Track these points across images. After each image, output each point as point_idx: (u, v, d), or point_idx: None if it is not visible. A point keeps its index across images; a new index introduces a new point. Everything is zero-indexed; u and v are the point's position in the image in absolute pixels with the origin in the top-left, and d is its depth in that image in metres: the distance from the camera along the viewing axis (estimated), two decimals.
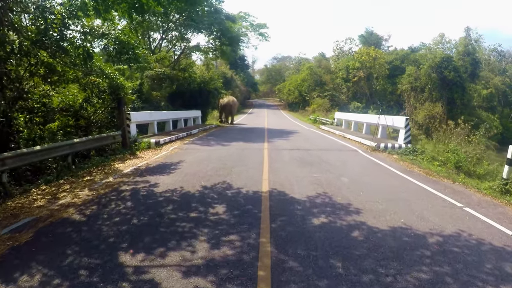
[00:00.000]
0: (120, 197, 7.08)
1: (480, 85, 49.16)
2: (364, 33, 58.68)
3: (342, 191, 7.56)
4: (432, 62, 44.26)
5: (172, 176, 8.80)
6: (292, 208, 6.25)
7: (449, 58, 45.18)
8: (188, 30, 25.02)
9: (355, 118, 23.08)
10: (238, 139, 17.24)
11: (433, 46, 58.04)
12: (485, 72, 53.96)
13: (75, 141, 10.61)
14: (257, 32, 61.46)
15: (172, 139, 16.02)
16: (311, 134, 21.83)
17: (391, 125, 16.39)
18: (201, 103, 26.04)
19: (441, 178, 9.81)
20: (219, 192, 7.32)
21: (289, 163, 10.90)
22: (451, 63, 44.45)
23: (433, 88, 43.95)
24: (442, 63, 44.13)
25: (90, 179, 8.96)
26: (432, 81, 43.83)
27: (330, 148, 14.79)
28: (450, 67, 43.96)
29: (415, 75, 45.43)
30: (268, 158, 11.69)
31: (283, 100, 71.47)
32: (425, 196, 7.65)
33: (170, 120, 19.63)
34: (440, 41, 58.59)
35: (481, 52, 57.54)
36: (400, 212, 6.30)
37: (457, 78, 43.75)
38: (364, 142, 15.91)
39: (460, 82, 43.84)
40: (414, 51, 56.92)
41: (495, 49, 60.31)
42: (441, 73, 43.52)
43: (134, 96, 15.59)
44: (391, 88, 47.68)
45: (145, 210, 6.14)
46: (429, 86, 44.33)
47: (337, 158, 12.02)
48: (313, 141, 17.41)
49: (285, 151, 13.41)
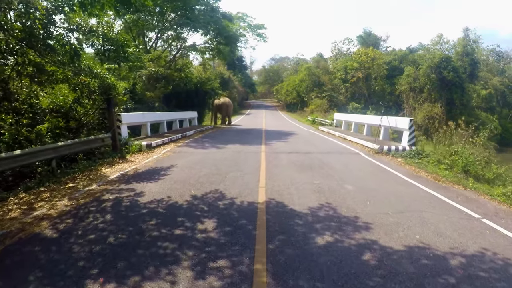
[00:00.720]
0: (100, 208, 6.28)
1: (479, 86, 48.64)
2: (362, 34, 58.01)
3: (347, 201, 6.76)
4: (431, 62, 43.64)
5: (160, 184, 7.99)
6: (292, 224, 5.43)
7: (448, 59, 44.58)
8: (184, 29, 24.11)
9: (355, 119, 22.21)
10: (235, 141, 16.38)
11: (431, 47, 57.57)
12: (484, 72, 53.45)
13: (59, 144, 9.82)
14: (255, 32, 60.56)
15: (165, 142, 15.19)
16: (310, 135, 20.98)
17: (394, 126, 15.62)
18: (197, 103, 25.17)
19: (451, 184, 9.07)
20: (210, 203, 6.50)
21: (287, 167, 10.09)
22: (450, 64, 43.86)
23: (432, 88, 43.35)
24: (441, 63, 43.52)
25: (73, 186, 8.18)
26: (431, 82, 43.23)
27: (330, 150, 14.01)
28: (449, 67, 43.37)
29: (414, 75, 44.83)
30: (265, 162, 10.88)
31: (281, 101, 70.60)
32: (438, 205, 6.87)
33: (164, 122, 18.76)
34: (439, 41, 58.08)
35: (480, 52, 57.04)
36: (414, 226, 5.53)
37: (456, 78, 43.16)
38: (366, 144, 15.14)
39: (459, 83, 43.25)
40: (413, 51, 56.34)
41: (494, 49, 59.84)
42: (440, 73, 42.91)
43: (126, 97, 14.77)
44: (389, 89, 47.02)
45: (125, 225, 5.33)
46: (428, 86, 43.72)
47: (338, 162, 11.22)
48: (313, 143, 16.58)
49: (283, 154, 12.59)
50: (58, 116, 11.83)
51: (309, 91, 51.44)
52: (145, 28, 24.74)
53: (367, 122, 19.29)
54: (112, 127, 12.72)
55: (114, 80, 14.19)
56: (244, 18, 55.74)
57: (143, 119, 16.32)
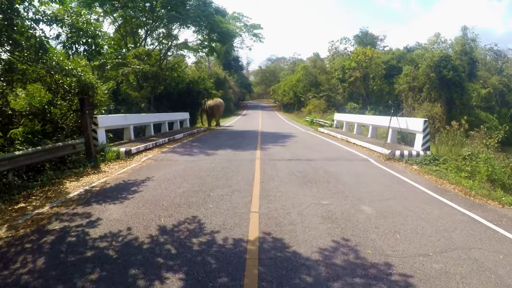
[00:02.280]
0: (38, 245, 4.52)
1: (478, 85, 47.12)
2: (359, 33, 56.29)
3: (370, 234, 4.88)
4: (430, 61, 42.11)
5: (125, 206, 6.10)
6: (298, 283, 3.57)
7: (448, 57, 43.13)
8: (175, 24, 22.06)
9: (358, 119, 20.04)
10: (227, 146, 14.40)
11: (429, 46, 56.01)
12: (482, 71, 51.95)
13: (16, 154, 8.03)
14: (251, 33, 59.07)
15: (148, 147, 13.22)
16: (310, 138, 18.92)
17: (405, 128, 13.77)
18: (190, 104, 23.07)
19: (484, 200, 7.26)
20: (181, 241, 4.60)
21: (287, 181, 8.18)
22: (449, 62, 42.42)
23: (432, 87, 41.85)
24: (440, 62, 42.05)
25: (23, 206, 6.42)
26: (431, 81, 41.75)
27: (335, 157, 12.09)
28: (448, 66, 41.93)
29: (413, 74, 43.26)
30: (260, 173, 8.97)
31: (277, 101, 68.35)
32: (485, 236, 5.04)
33: (151, 124, 16.68)
34: (436, 41, 56.66)
35: (478, 51, 55.54)
36: (470, 277, 3.73)
37: (456, 77, 41.74)
38: (373, 148, 13.28)
39: (459, 82, 41.83)
40: (410, 51, 54.74)
41: (491, 48, 58.43)
42: (440, 72, 41.42)
43: (106, 97, 12.89)
44: (388, 88, 45.32)
45: (53, 283, 3.51)
46: (428, 85, 42.19)
47: (347, 172, 9.32)
48: (314, 148, 14.52)
49: (282, 162, 10.67)
50: (32, 119, 10.37)
51: (306, 91, 49.51)
52: (135, 26, 22.80)
53: (372, 123, 17.38)
54: (86, 132, 10.86)
55: (92, 79, 12.44)
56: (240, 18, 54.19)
57: (125, 121, 14.26)
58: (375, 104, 43.44)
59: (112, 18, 22.58)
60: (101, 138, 11.81)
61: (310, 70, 51.77)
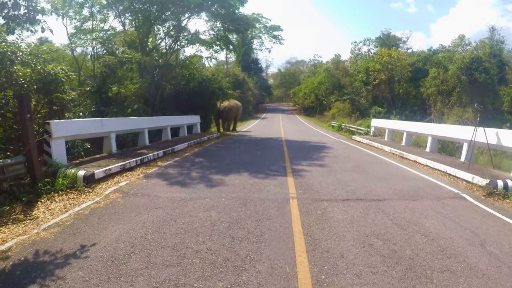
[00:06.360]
0: None
1: (508, 89, 41.21)
2: (381, 35, 50.67)
3: None
4: (461, 63, 36.61)
5: None
6: None
7: (479, 59, 37.60)
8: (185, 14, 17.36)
9: (408, 127, 14.45)
10: (242, 166, 9.29)
11: (452, 48, 50.06)
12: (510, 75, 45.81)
13: None
14: (271, 34, 54.51)
15: (127, 166, 8.41)
16: (350, 151, 13.41)
17: (495, 143, 8.91)
18: (202, 106, 18.36)
19: None
20: None
21: (366, 270, 3.42)
22: (481, 64, 36.96)
23: (463, 91, 36.38)
24: (471, 64, 36.61)
25: None
26: (461, 84, 36.28)
27: (411, 189, 7.11)
28: (480, 68, 36.49)
29: (442, 77, 37.78)
30: (304, 243, 4.16)
31: (298, 104, 62.70)
32: None
33: (145, 131, 11.81)
34: (460, 43, 50.45)
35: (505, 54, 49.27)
36: None
37: (488, 80, 36.30)
38: (451, 172, 8.40)
39: (492, 85, 36.34)
40: (435, 53, 48.88)
41: None
42: (471, 74, 35.97)
43: (74, 93, 8.57)
44: (414, 92, 39.88)
45: None
46: (458, 89, 36.72)
47: (456, 233, 4.40)
48: (369, 171, 9.04)
49: (335, 206, 5.77)
50: None
51: (328, 94, 44.30)
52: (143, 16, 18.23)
53: (433, 133, 12.17)
54: (27, 145, 6.50)
55: (58, 69, 8.22)
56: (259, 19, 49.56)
57: (100, 128, 9.37)
58: (401, 108, 38.13)
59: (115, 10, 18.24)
60: (57, 153, 7.39)
61: (333, 72, 46.55)
